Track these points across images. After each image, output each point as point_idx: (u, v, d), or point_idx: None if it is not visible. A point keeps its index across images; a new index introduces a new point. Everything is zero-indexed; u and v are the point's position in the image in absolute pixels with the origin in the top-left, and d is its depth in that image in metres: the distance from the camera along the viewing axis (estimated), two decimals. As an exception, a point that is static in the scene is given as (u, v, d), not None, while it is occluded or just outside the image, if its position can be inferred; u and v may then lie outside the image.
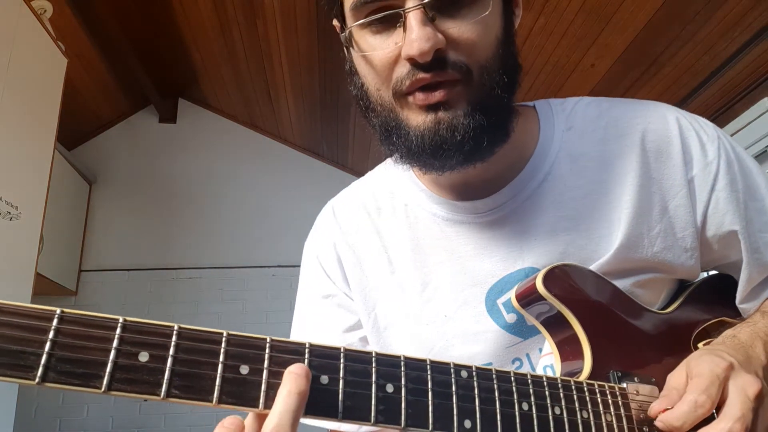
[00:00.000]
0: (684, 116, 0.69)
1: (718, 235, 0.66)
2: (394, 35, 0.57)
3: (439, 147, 0.57)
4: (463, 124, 0.57)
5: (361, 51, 0.60)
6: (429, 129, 0.57)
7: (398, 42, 0.56)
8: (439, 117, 0.57)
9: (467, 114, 0.57)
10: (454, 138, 0.57)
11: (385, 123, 0.61)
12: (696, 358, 0.55)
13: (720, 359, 0.53)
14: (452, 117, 0.57)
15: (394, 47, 0.57)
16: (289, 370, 0.40)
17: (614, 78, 2.60)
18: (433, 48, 0.54)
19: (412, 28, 0.54)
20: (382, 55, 0.58)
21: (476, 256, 0.67)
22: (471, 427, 0.46)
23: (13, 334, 0.35)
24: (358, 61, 0.62)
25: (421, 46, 0.53)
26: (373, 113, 0.63)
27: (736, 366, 0.54)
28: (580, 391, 0.54)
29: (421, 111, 0.58)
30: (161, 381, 0.38)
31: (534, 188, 0.67)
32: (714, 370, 0.52)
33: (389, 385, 0.44)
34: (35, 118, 2.30)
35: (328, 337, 0.74)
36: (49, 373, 0.35)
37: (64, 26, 2.72)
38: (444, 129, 0.57)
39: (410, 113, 0.59)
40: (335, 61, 3.07)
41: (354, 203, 0.77)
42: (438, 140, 0.57)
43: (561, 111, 0.71)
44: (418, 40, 0.53)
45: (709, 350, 0.57)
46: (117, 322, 0.38)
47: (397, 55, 0.57)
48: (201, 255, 3.79)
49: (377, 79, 0.60)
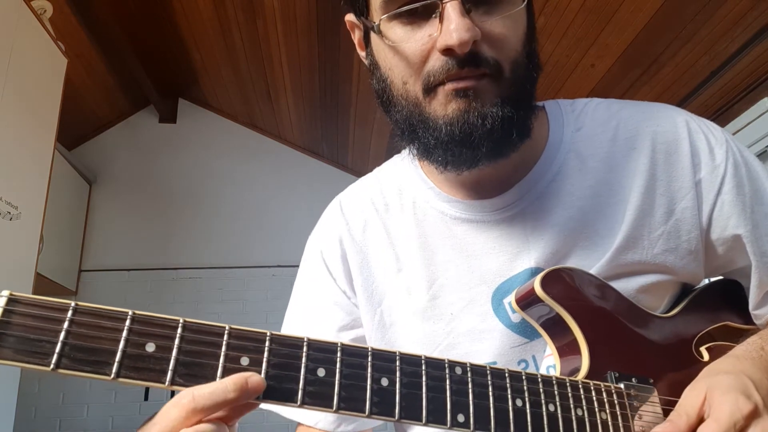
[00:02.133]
0: (693, 119, 0.69)
1: (722, 238, 0.66)
2: (427, 27, 0.56)
3: (469, 135, 0.57)
4: (492, 113, 0.57)
5: (392, 42, 0.58)
6: (459, 117, 0.57)
7: (432, 34, 0.56)
8: (468, 105, 0.57)
9: (497, 105, 0.57)
10: (485, 126, 0.57)
11: (408, 117, 0.61)
12: (722, 391, 0.52)
13: (745, 402, 0.51)
14: (482, 106, 0.57)
15: (428, 39, 0.56)
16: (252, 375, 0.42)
17: (614, 78, 2.60)
18: (473, 39, 0.53)
19: (451, 18, 0.53)
20: (416, 46, 0.57)
21: (484, 255, 0.68)
22: (464, 421, 0.47)
23: (31, 324, 0.38)
24: (383, 54, 0.61)
25: (461, 35, 0.53)
26: (395, 108, 0.62)
27: (761, 409, 0.51)
28: (575, 389, 0.54)
29: (449, 100, 0.57)
30: (166, 370, 0.40)
31: (542, 188, 0.67)
32: (734, 416, 0.50)
33: (384, 379, 0.46)
34: (35, 118, 2.30)
35: (320, 334, 0.74)
36: (62, 360, 0.38)
37: (64, 26, 2.72)
38: (474, 117, 0.57)
39: (438, 105, 0.58)
40: (335, 62, 3.07)
41: (362, 199, 0.77)
42: (468, 128, 0.57)
43: (570, 111, 0.71)
44: (458, 30, 0.53)
45: (736, 379, 0.54)
46: (126, 314, 0.41)
47: (430, 47, 0.56)
48: (201, 255, 3.80)
49: (407, 71, 0.59)
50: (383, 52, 0.61)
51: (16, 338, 0.37)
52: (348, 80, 3.20)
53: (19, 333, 0.37)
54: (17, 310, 0.38)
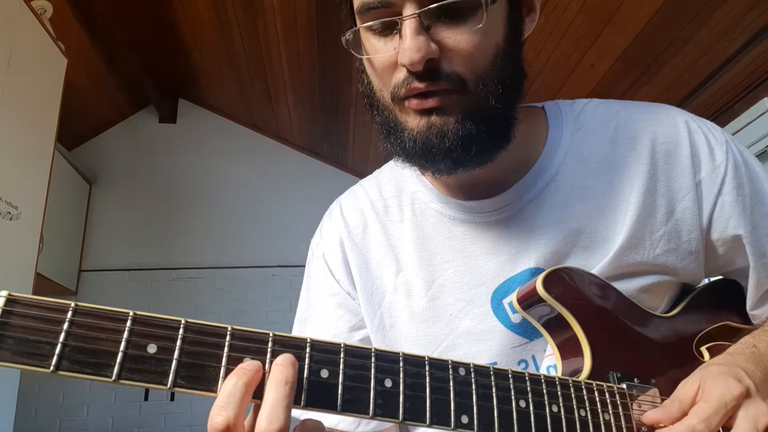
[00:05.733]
0: (693, 120, 0.69)
1: (722, 238, 0.66)
2: (394, 40, 0.57)
3: (428, 151, 0.58)
4: (452, 131, 0.57)
5: (365, 53, 0.60)
6: (421, 133, 0.58)
7: (396, 47, 0.56)
8: (431, 121, 0.57)
9: (458, 122, 0.57)
10: (443, 144, 0.57)
11: (386, 122, 0.62)
12: (713, 377, 0.54)
13: (736, 384, 0.52)
14: (443, 123, 0.57)
15: (393, 52, 0.57)
16: (276, 362, 0.42)
17: (614, 78, 2.60)
18: (424, 59, 0.54)
19: (406, 37, 0.54)
20: (383, 59, 0.58)
21: (483, 255, 0.68)
22: (468, 422, 0.47)
23: (30, 325, 0.37)
24: (364, 61, 0.63)
25: (412, 56, 0.53)
26: (377, 111, 0.63)
27: (753, 392, 0.53)
28: (578, 389, 0.54)
29: (416, 115, 0.58)
30: (168, 371, 0.40)
31: (541, 188, 0.67)
32: (724, 397, 0.51)
33: (388, 380, 0.45)
34: (35, 118, 2.30)
35: (330, 335, 0.74)
36: (63, 362, 0.37)
37: (64, 26, 2.72)
38: (434, 134, 0.57)
39: (407, 116, 0.59)
40: (335, 62, 3.07)
41: (362, 201, 0.77)
42: (428, 144, 0.58)
43: (570, 112, 0.71)
44: (409, 49, 0.54)
45: (728, 367, 0.56)
46: (127, 315, 0.40)
47: (395, 60, 0.57)
48: (201, 255, 3.80)
49: (379, 80, 0.61)
50: (364, 60, 0.63)
51: (15, 340, 0.37)
52: (348, 80, 3.20)
53: (18, 334, 0.37)
54: (16, 310, 0.37)
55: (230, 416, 0.39)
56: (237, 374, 0.41)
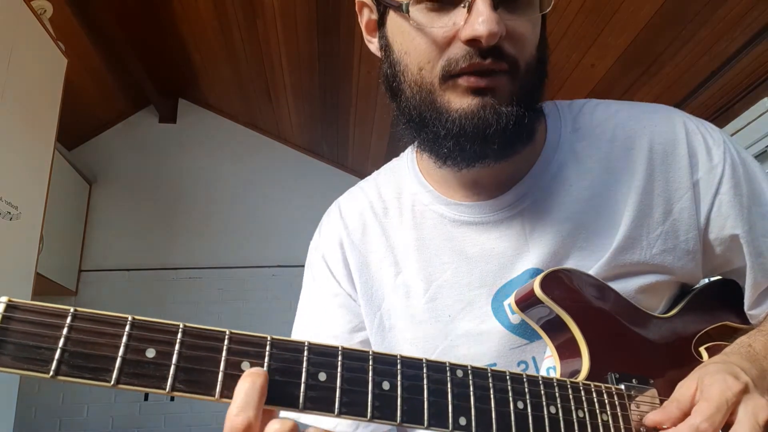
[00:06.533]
0: (691, 120, 0.69)
1: (719, 238, 0.66)
2: (452, 15, 0.57)
3: (482, 130, 0.58)
4: (507, 111, 0.58)
5: (417, 25, 0.59)
6: (473, 112, 0.58)
7: (456, 22, 0.56)
8: (485, 101, 0.57)
9: (512, 103, 0.58)
10: (500, 123, 0.57)
11: (419, 105, 0.61)
12: (711, 375, 0.54)
13: (734, 381, 0.53)
14: (498, 103, 0.58)
15: (452, 27, 0.57)
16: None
17: (614, 78, 2.60)
18: (501, 32, 0.54)
19: (481, 11, 0.54)
20: (439, 32, 0.57)
21: (483, 257, 0.68)
22: (466, 424, 0.47)
23: (30, 331, 0.38)
24: (402, 37, 0.61)
25: (492, 27, 0.53)
26: (405, 94, 0.62)
27: (751, 388, 0.53)
28: (576, 390, 0.54)
29: (466, 94, 0.58)
30: (167, 376, 0.40)
31: (540, 189, 0.67)
32: (724, 394, 0.51)
33: (385, 383, 0.46)
34: (35, 118, 2.30)
35: (331, 336, 0.74)
36: (62, 367, 0.38)
37: (64, 26, 2.72)
38: (489, 113, 0.57)
39: (453, 96, 0.59)
40: (335, 62, 3.07)
41: (361, 203, 0.77)
42: (482, 124, 0.57)
43: (568, 113, 0.72)
44: (489, 21, 0.54)
45: (724, 365, 0.56)
46: (126, 320, 0.40)
47: (453, 35, 0.57)
48: (201, 255, 3.80)
49: (426, 56, 0.59)
50: (402, 35, 0.61)
51: (14, 345, 0.37)
52: (348, 80, 3.20)
53: (18, 340, 0.37)
54: (15, 316, 0.37)
55: (251, 416, 0.40)
56: (251, 376, 0.41)
